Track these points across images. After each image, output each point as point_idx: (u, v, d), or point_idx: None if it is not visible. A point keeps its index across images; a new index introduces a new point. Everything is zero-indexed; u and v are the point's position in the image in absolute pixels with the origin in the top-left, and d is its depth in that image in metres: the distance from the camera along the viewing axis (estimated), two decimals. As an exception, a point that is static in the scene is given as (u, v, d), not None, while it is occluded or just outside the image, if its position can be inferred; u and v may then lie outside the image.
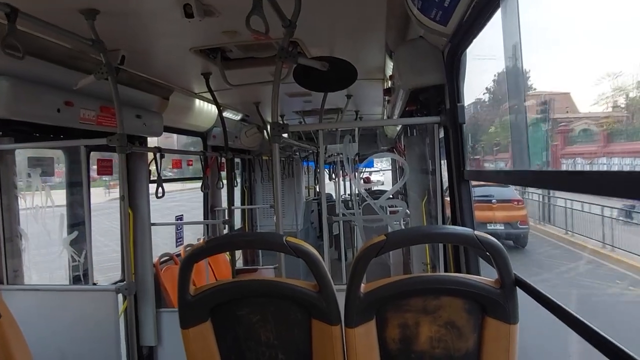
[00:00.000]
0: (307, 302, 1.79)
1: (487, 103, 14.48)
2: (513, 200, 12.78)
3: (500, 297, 1.68)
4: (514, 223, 12.24)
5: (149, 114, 3.78)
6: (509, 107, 2.36)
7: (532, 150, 10.39)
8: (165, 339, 3.72)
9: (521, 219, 12.38)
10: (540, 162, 10.68)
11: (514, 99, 2.47)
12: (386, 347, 1.77)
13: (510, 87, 2.29)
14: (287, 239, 1.80)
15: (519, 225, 12.29)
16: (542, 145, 11.03)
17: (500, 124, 13.47)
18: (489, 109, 14.49)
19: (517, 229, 12.23)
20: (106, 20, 2.40)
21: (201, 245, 1.86)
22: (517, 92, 2.39)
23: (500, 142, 13.38)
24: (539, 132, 11.04)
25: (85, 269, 3.27)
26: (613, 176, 1.10)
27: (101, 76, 2.72)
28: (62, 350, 2.98)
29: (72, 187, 3.53)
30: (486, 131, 14.72)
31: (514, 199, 12.81)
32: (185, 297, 1.83)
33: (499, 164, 13.28)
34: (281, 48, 2.54)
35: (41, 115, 2.81)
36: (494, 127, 14.28)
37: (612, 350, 1.19)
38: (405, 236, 1.95)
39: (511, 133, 2.95)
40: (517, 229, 12.23)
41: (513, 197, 12.82)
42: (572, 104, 11.74)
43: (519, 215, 12.42)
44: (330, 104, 5.06)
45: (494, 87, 13.44)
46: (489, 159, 13.94)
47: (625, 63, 8.56)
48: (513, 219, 12.27)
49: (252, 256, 6.67)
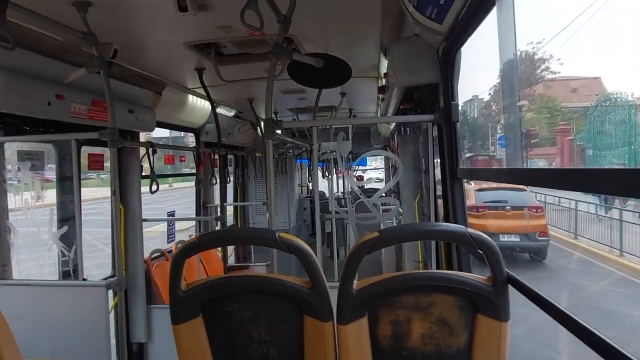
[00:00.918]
0: (299, 299, 1.79)
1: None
2: (531, 207, 10.96)
3: (492, 295, 1.69)
4: (531, 234, 10.48)
5: (142, 109, 3.74)
6: (503, 107, 2.37)
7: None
8: (156, 335, 3.70)
9: (540, 230, 10.56)
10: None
11: (508, 98, 2.49)
12: (378, 343, 1.78)
13: (504, 87, 2.31)
14: (280, 234, 1.79)
15: (538, 237, 10.47)
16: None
17: (539, 109, 11.53)
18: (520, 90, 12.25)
19: (535, 241, 10.45)
20: (98, 13, 2.37)
21: (193, 241, 1.85)
22: (511, 91, 2.41)
23: (539, 132, 11.49)
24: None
25: (75, 265, 3.24)
26: (609, 173, 1.09)
27: (93, 69, 2.69)
28: (51, 346, 2.95)
29: (63, 182, 3.49)
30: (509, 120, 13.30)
31: (531, 206, 10.98)
32: (176, 292, 1.82)
33: (536, 163, 11.61)
34: (276, 44, 2.53)
35: (31, 108, 2.77)
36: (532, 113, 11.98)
37: (604, 347, 1.20)
38: (399, 233, 1.95)
39: (505, 131, 2.97)
40: (536, 241, 10.45)
41: (530, 204, 11.01)
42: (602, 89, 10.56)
43: (537, 225, 10.62)
44: (325, 102, 5.05)
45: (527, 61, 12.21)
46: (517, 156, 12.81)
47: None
48: (531, 230, 10.50)
49: (244, 253, 6.65)
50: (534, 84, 13.09)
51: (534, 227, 10.54)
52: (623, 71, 14.02)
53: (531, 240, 10.48)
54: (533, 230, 10.49)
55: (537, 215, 10.88)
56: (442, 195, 2.64)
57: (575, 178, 1.25)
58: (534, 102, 12.39)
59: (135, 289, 3.62)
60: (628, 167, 1.89)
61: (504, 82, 2.11)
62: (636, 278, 8.48)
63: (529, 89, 12.71)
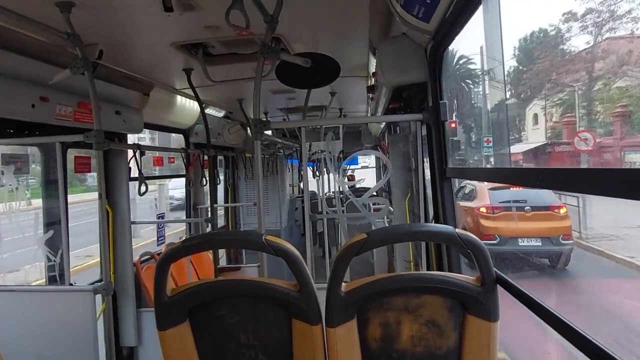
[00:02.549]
0: (287, 302, 1.77)
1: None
2: (553, 207, 9.67)
3: (481, 295, 1.69)
4: (554, 237, 9.26)
5: (129, 110, 3.70)
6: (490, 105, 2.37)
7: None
8: (146, 339, 3.67)
9: (564, 232, 9.28)
10: None
11: (496, 95, 2.49)
12: (367, 346, 1.76)
13: (491, 84, 2.30)
14: (267, 237, 1.77)
15: (562, 241, 9.23)
16: None
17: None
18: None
19: (559, 245, 9.21)
20: (82, 13, 2.33)
21: (177, 246, 1.82)
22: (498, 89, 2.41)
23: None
24: None
25: (61, 270, 3.19)
26: (603, 174, 1.08)
27: (77, 71, 2.65)
28: (38, 352, 2.90)
29: (48, 185, 3.43)
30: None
31: (554, 205, 9.69)
32: (161, 298, 1.79)
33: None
34: (263, 44, 2.51)
35: (15, 110, 2.72)
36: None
37: (590, 347, 1.20)
38: (387, 234, 1.94)
39: (492, 129, 2.98)
40: (559, 245, 9.21)
41: (553, 203, 9.73)
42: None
43: (561, 227, 9.37)
44: (314, 101, 5.03)
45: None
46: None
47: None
48: (554, 233, 9.26)
49: (235, 254, 6.62)
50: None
51: (557, 230, 9.35)
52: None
53: (555, 245, 9.24)
54: (557, 233, 9.30)
55: (560, 216, 9.67)
56: (432, 194, 2.63)
57: (565, 178, 1.25)
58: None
59: (125, 293, 3.57)
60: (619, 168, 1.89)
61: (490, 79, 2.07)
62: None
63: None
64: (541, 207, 9.57)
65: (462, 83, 26.96)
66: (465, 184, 11.34)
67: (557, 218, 9.57)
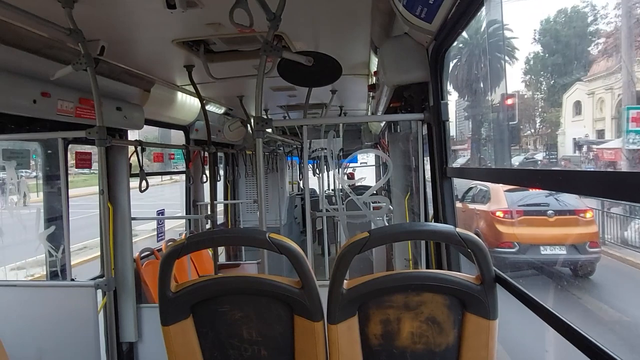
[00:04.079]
0: (290, 299, 1.79)
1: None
2: (579, 210, 8.69)
3: (481, 294, 1.70)
4: (580, 245, 8.27)
5: (130, 107, 3.70)
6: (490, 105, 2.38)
7: None
8: (146, 334, 3.67)
9: (591, 239, 8.28)
10: None
11: (496, 95, 2.50)
12: (368, 343, 1.78)
13: (493, 84, 2.31)
14: (270, 235, 1.78)
15: (588, 249, 8.23)
16: None
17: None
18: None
19: (585, 253, 8.23)
20: (85, 9, 2.33)
21: (182, 242, 1.83)
22: (498, 89, 2.42)
23: None
24: None
25: (63, 265, 3.20)
26: (601, 176, 1.09)
27: (79, 67, 2.65)
28: (39, 347, 2.91)
29: (50, 181, 3.44)
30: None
31: (580, 209, 8.71)
32: (165, 294, 1.81)
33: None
34: (265, 42, 2.51)
35: (16, 106, 2.72)
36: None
37: (589, 347, 1.22)
38: (388, 233, 1.95)
39: (493, 130, 2.99)
40: (586, 253, 8.23)
41: (578, 207, 8.73)
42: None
43: (587, 233, 8.39)
44: (315, 99, 5.04)
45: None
46: None
47: None
48: (580, 240, 8.28)
49: (234, 251, 6.63)
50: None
51: (583, 236, 8.34)
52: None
53: (581, 253, 8.24)
54: (582, 241, 8.27)
55: (586, 221, 8.66)
56: (432, 194, 2.65)
57: (564, 179, 1.25)
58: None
59: (125, 288, 3.58)
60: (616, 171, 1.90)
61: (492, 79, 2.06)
62: None
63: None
64: (566, 211, 8.66)
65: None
66: (475, 184, 10.41)
67: (583, 223, 8.62)
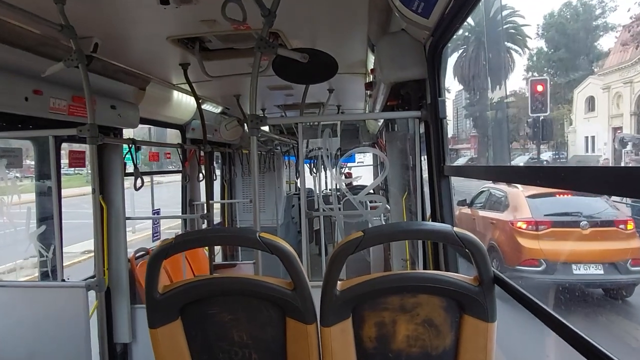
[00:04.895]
0: (281, 301, 1.74)
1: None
2: (618, 221, 7.27)
3: (479, 295, 1.67)
4: (620, 263, 6.92)
5: (125, 105, 3.66)
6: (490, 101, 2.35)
7: None
8: (140, 335, 3.64)
9: (633, 256, 6.95)
10: None
11: (496, 92, 2.47)
12: (363, 346, 1.74)
13: (492, 81, 2.29)
14: (261, 234, 1.74)
15: (630, 267, 6.89)
16: None
17: None
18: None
19: (627, 273, 6.88)
20: (77, 5, 2.29)
21: (170, 242, 1.78)
22: (498, 85, 2.39)
23: None
24: None
25: (53, 265, 3.15)
26: (602, 172, 1.06)
27: (71, 63, 2.60)
28: (30, 349, 2.87)
29: (42, 180, 3.39)
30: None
31: (619, 220, 7.27)
32: (153, 295, 1.76)
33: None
34: (260, 38, 2.47)
35: (7, 104, 2.68)
36: None
37: (588, 348, 1.19)
38: (383, 233, 1.92)
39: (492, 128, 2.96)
40: (628, 273, 6.88)
41: (617, 217, 7.33)
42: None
43: (629, 248, 7.03)
44: (312, 98, 5.00)
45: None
46: None
47: None
48: (620, 256, 6.93)
49: (231, 251, 6.59)
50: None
51: (624, 252, 6.98)
52: None
53: (622, 273, 6.90)
54: (624, 257, 6.94)
55: (627, 234, 7.19)
56: (429, 192, 2.61)
57: (565, 176, 1.22)
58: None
59: (119, 289, 3.54)
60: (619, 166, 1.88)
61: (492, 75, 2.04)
62: None
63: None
64: (603, 221, 7.34)
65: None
66: (487, 188, 9.13)
67: (624, 237, 7.21)
